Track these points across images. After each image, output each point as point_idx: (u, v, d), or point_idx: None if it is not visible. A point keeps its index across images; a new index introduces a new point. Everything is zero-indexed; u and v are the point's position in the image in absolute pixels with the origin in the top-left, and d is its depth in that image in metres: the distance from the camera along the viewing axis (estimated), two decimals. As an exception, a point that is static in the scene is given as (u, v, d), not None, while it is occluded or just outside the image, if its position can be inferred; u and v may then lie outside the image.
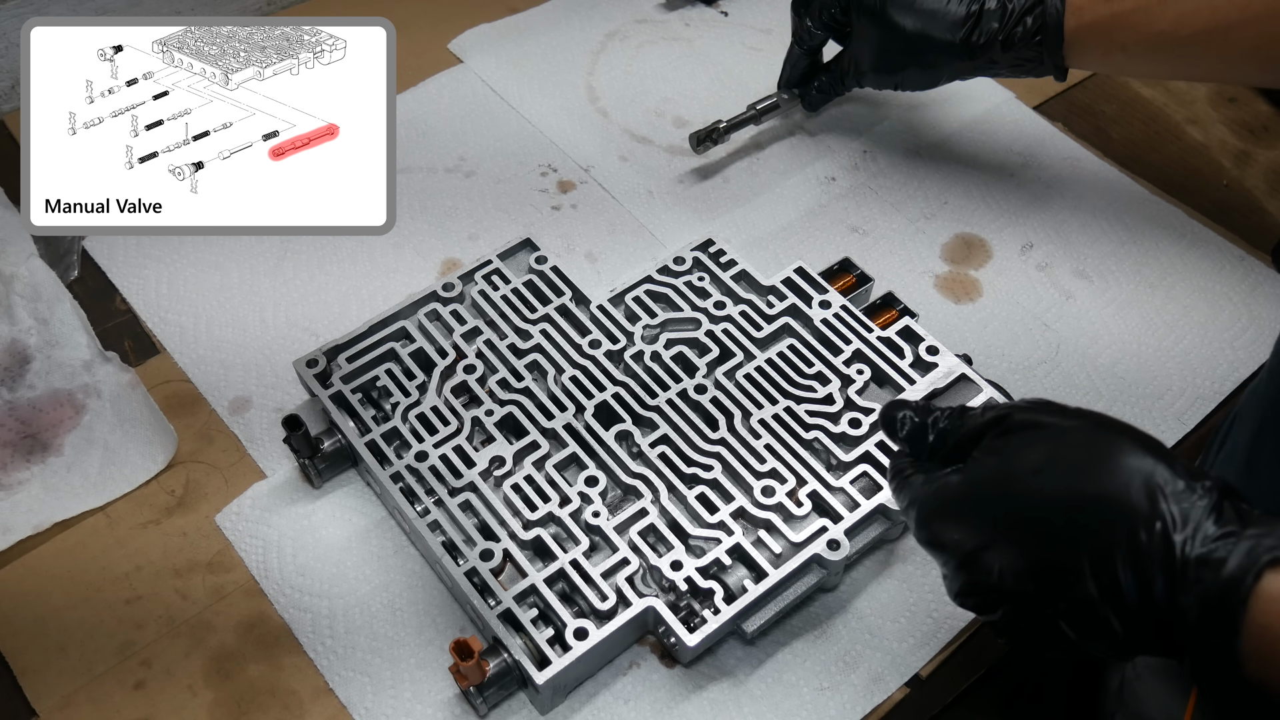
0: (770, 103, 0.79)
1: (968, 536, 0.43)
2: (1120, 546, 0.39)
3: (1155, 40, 0.66)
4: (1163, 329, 0.72)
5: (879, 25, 0.71)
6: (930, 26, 0.70)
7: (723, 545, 0.56)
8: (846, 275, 0.69)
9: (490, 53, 0.89)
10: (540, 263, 0.68)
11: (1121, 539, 0.39)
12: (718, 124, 0.77)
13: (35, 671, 0.56)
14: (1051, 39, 0.67)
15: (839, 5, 0.73)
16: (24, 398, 0.65)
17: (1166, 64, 0.70)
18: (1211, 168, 0.84)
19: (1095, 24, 0.67)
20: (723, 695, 0.56)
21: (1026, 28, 0.67)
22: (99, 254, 0.74)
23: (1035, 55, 0.69)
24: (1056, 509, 0.41)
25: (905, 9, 0.70)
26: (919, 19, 0.70)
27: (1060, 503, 0.41)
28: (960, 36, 0.69)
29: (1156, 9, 0.65)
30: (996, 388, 0.62)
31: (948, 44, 0.70)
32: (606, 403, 0.62)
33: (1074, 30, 0.67)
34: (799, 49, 0.78)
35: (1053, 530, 0.41)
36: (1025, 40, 0.68)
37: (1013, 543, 0.42)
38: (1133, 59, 0.68)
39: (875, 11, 0.71)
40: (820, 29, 0.76)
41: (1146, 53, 0.67)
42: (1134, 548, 0.39)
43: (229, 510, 0.62)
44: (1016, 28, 0.68)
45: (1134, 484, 0.40)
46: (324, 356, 0.63)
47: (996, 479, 0.43)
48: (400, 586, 0.59)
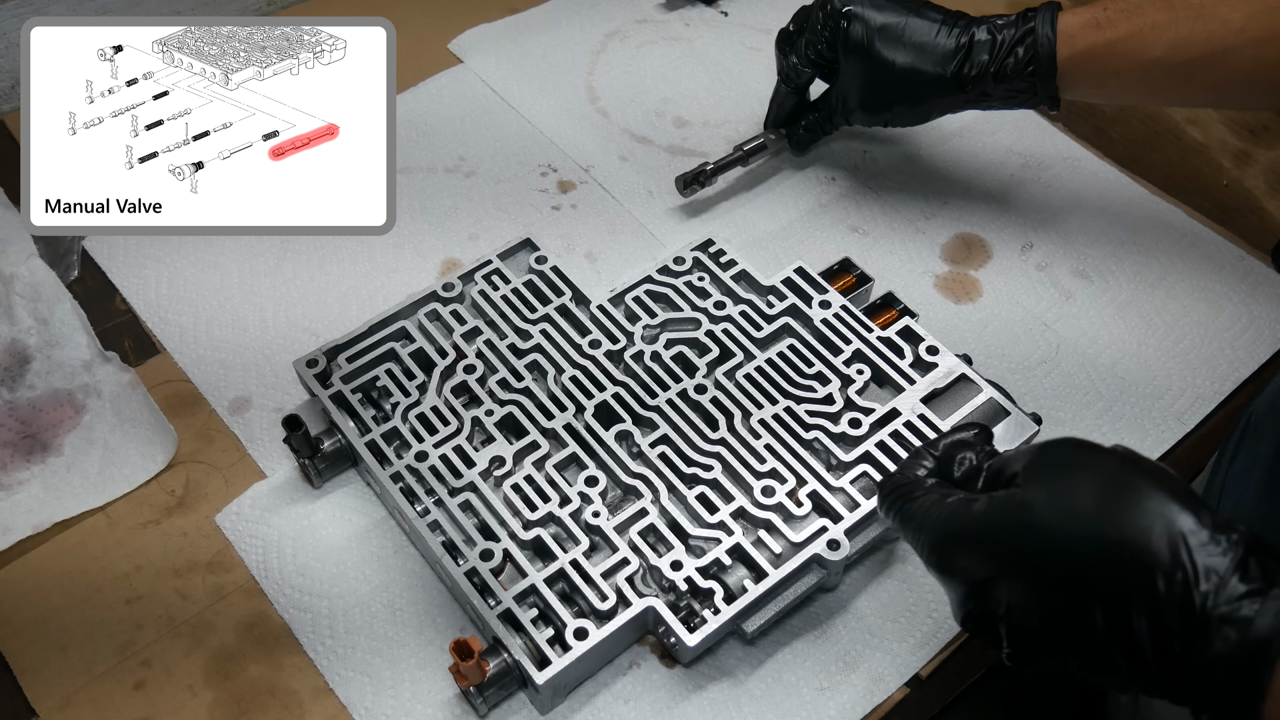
0: (757, 143, 0.78)
1: (980, 566, 0.43)
2: (1137, 595, 0.38)
3: (1150, 67, 0.65)
4: (1163, 329, 0.72)
5: (867, 61, 0.70)
6: (919, 60, 0.68)
7: (723, 545, 0.56)
8: (846, 275, 0.69)
9: (490, 53, 0.89)
10: (540, 263, 0.68)
11: (1139, 587, 0.38)
12: (704, 166, 0.77)
13: (35, 671, 0.56)
14: (1044, 69, 0.66)
15: (825, 41, 0.71)
16: (24, 398, 0.65)
17: (1162, 91, 0.69)
18: (1211, 168, 0.84)
19: (1088, 52, 0.65)
20: (723, 695, 0.56)
21: (1018, 59, 0.66)
22: (99, 254, 0.74)
23: (1028, 86, 0.67)
24: (1074, 550, 0.40)
25: (893, 43, 0.69)
26: (908, 53, 0.69)
27: (1079, 544, 0.40)
28: (951, 70, 0.68)
29: (1150, 36, 0.64)
30: (996, 388, 0.62)
31: (938, 78, 0.68)
32: (606, 403, 0.62)
33: (1066, 59, 0.66)
34: (786, 87, 0.77)
35: (1068, 571, 0.40)
36: (1017, 71, 0.67)
37: (1026, 579, 0.41)
38: (1127, 86, 0.67)
39: (863, 47, 0.70)
40: (807, 66, 0.74)
41: (1141, 80, 0.66)
42: (1151, 597, 0.38)
43: (229, 510, 0.62)
44: (1008, 59, 0.66)
45: (1156, 531, 0.39)
46: (324, 356, 0.63)
47: (1017, 512, 0.42)
48: (400, 586, 0.59)
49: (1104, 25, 0.65)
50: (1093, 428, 0.67)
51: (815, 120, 0.77)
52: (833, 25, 0.71)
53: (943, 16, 0.69)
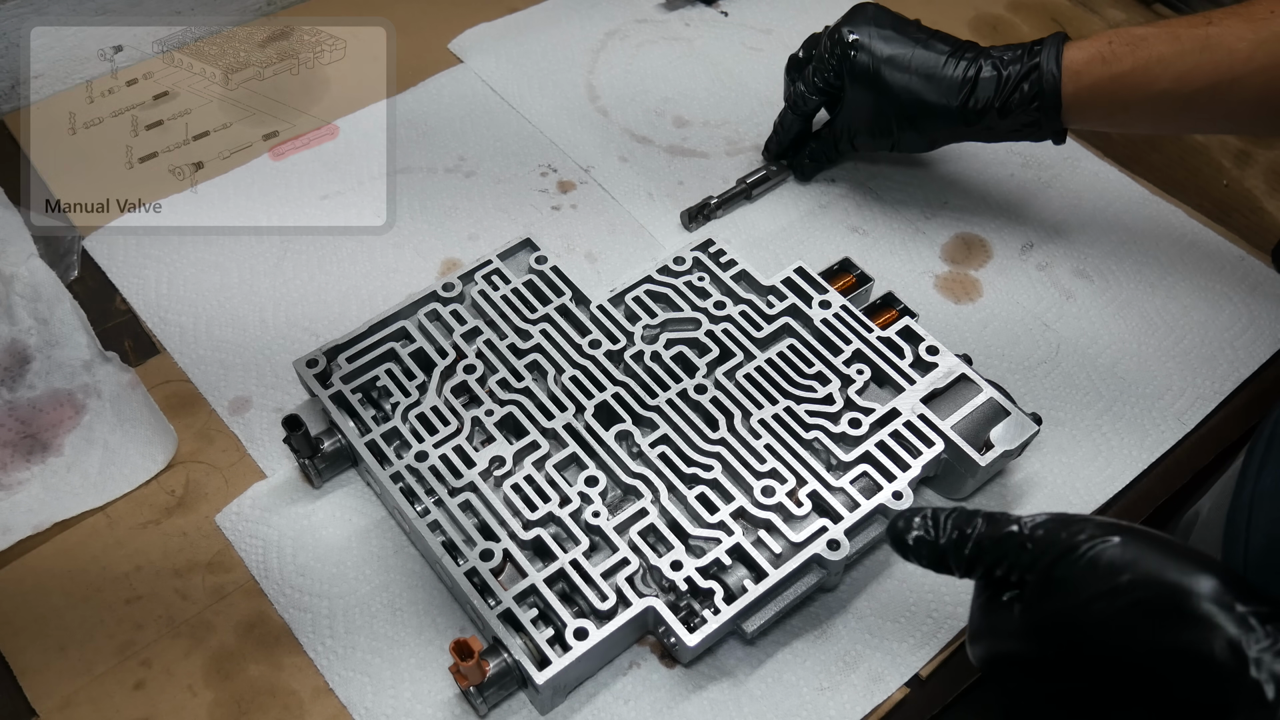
0: (760, 175, 0.79)
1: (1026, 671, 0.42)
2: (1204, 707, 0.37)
3: (1157, 99, 0.64)
4: (1163, 329, 0.72)
5: (873, 90, 0.70)
6: (926, 91, 0.68)
7: (723, 545, 0.56)
8: (846, 275, 0.69)
9: (490, 52, 0.89)
10: (540, 263, 0.68)
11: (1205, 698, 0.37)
12: (709, 200, 0.77)
13: (35, 671, 0.56)
14: (1049, 104, 0.66)
15: (833, 70, 0.71)
16: (24, 398, 0.65)
17: (1171, 121, 0.68)
18: (1211, 168, 0.84)
19: (1094, 87, 0.65)
20: (723, 695, 0.56)
21: (1023, 94, 0.66)
22: (99, 254, 0.74)
23: (1033, 120, 0.67)
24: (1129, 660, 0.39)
25: (900, 73, 0.69)
26: (915, 83, 0.68)
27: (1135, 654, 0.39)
28: (957, 102, 0.68)
29: (1157, 69, 0.63)
30: (996, 388, 0.62)
31: (944, 109, 0.68)
32: (606, 403, 0.62)
33: (1072, 95, 0.66)
34: (792, 114, 0.76)
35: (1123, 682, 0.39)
36: (1022, 105, 0.66)
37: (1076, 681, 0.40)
38: (1135, 118, 0.67)
39: (870, 76, 0.70)
40: (814, 94, 0.74)
41: (1149, 112, 0.66)
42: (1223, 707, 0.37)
43: (229, 510, 0.62)
44: (1013, 94, 0.66)
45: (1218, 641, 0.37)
46: (324, 356, 0.63)
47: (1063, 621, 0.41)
48: (400, 586, 0.59)
49: (1109, 60, 0.64)
50: (1093, 428, 0.67)
51: (819, 149, 0.78)
52: (839, 54, 0.71)
53: (950, 48, 0.68)
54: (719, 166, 0.81)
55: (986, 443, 0.60)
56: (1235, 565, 0.59)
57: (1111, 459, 0.66)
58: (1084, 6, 0.95)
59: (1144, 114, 0.66)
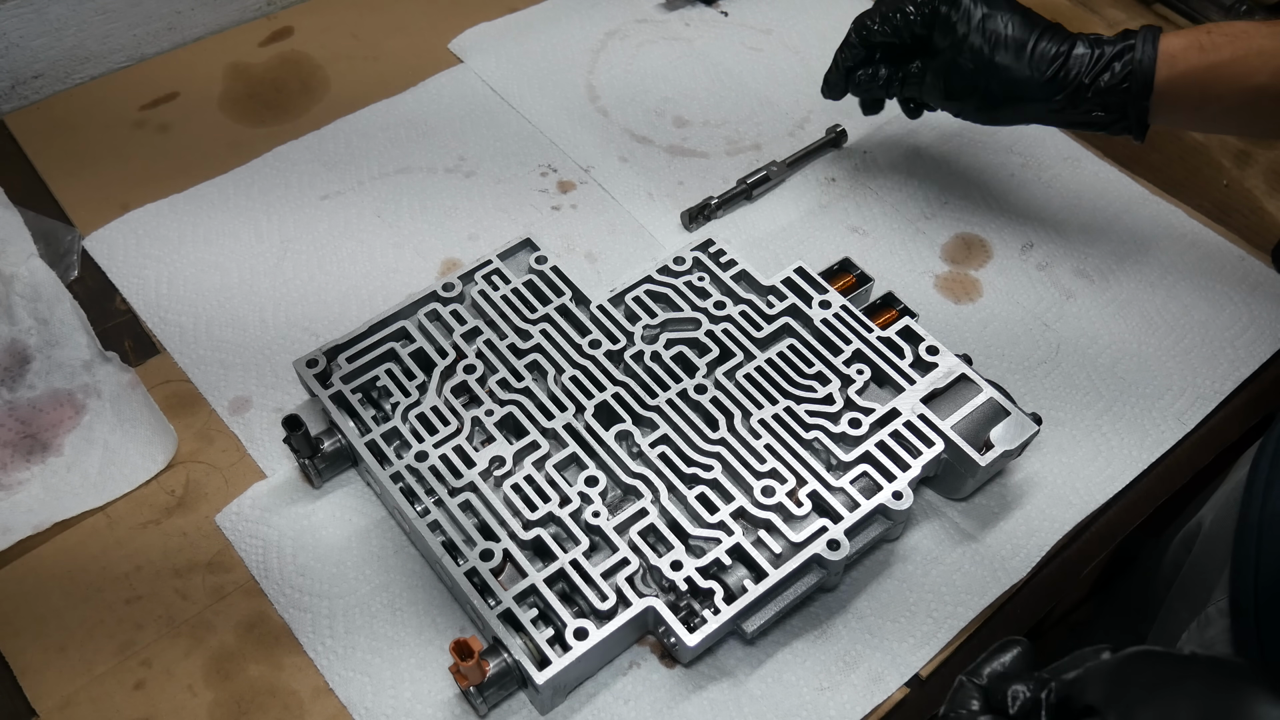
0: (760, 175, 0.79)
1: None
2: None
3: (1253, 94, 0.62)
4: (1163, 329, 0.72)
5: (960, 48, 0.67)
6: (1016, 60, 0.66)
7: (723, 545, 0.56)
8: (846, 275, 0.69)
9: (490, 52, 0.89)
10: (540, 263, 0.68)
11: None
12: (709, 200, 0.77)
13: (35, 671, 0.56)
14: (1139, 87, 0.64)
15: (922, 15, 0.68)
16: (24, 398, 0.65)
17: (1261, 120, 0.66)
18: (1211, 168, 0.84)
19: (1189, 74, 0.63)
20: (723, 695, 0.56)
21: (1114, 73, 0.64)
22: (99, 254, 0.74)
23: (1119, 103, 0.65)
24: None
25: (993, 37, 0.66)
26: (1005, 50, 0.66)
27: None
28: (1048, 74, 0.65)
29: (1255, 61, 0.61)
30: (996, 388, 0.62)
31: (1029, 80, 0.66)
32: (606, 403, 0.62)
33: (1165, 80, 0.63)
34: (855, 38, 0.71)
35: None
36: (1112, 86, 0.64)
37: None
38: (1228, 111, 0.65)
39: (960, 33, 0.67)
40: (890, 33, 0.69)
41: (1243, 106, 0.64)
42: None
43: (229, 510, 0.62)
44: (1104, 73, 0.64)
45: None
46: (324, 356, 0.63)
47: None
48: (400, 586, 0.59)
49: (1208, 49, 0.63)
50: (1093, 428, 0.67)
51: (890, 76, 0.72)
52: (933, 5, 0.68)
53: (1045, 24, 0.67)
54: (719, 166, 0.81)
55: (986, 443, 0.60)
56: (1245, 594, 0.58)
57: (1111, 459, 0.66)
58: (1084, 6, 0.95)
59: (1237, 108, 0.64)
